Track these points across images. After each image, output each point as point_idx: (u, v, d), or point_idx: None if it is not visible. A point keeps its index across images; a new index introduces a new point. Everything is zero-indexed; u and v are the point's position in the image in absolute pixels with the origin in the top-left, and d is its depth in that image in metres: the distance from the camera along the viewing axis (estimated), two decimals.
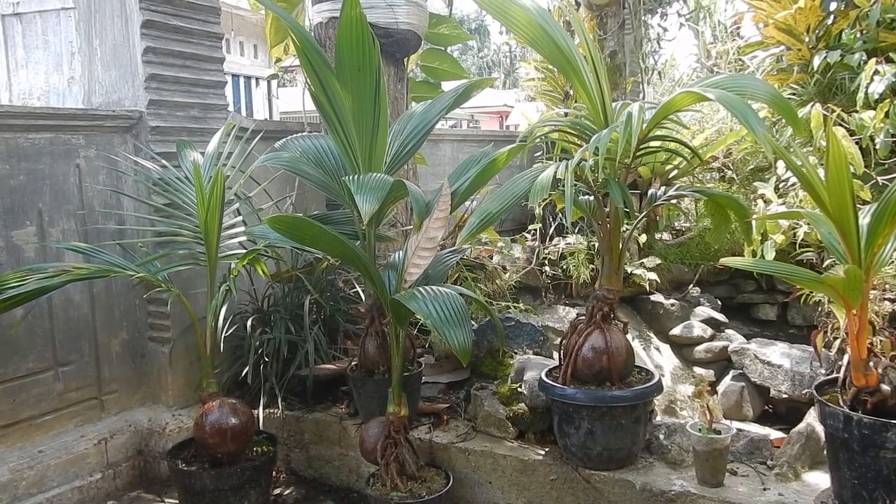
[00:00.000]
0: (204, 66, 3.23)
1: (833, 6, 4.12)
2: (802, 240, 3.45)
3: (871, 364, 2.02)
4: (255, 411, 2.90)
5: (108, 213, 3.01)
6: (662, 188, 2.61)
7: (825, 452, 2.21)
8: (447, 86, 4.21)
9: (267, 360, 3.04)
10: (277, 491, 2.96)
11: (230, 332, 3.04)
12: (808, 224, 3.35)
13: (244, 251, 2.78)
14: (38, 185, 2.77)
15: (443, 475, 2.53)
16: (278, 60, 4.69)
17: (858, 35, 3.92)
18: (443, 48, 4.54)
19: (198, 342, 2.66)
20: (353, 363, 2.87)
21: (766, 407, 3.78)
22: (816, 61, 3.98)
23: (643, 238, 4.54)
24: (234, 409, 2.59)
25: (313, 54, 2.32)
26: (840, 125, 3.56)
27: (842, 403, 2.07)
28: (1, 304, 2.23)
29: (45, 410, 2.81)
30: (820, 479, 2.28)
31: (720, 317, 4.38)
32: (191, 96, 3.20)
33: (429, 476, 2.51)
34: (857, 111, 3.58)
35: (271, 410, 3.03)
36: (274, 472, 2.86)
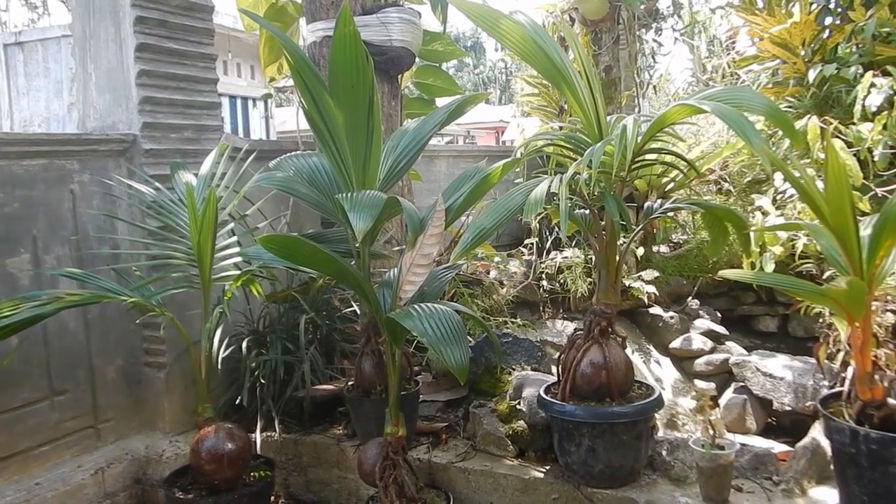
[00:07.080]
0: (198, 88, 3.22)
1: (828, 20, 4.13)
2: (802, 251, 3.42)
3: (877, 377, 1.99)
4: (252, 435, 2.86)
5: (103, 238, 2.99)
6: (659, 201, 2.59)
7: (832, 467, 2.17)
8: (441, 102, 4.21)
9: (263, 381, 3.00)
10: None
11: (226, 353, 2.99)
12: (808, 236, 3.33)
13: (239, 272, 2.75)
14: (33, 212, 2.74)
15: (443, 496, 2.49)
16: (272, 80, 4.70)
17: (854, 49, 3.92)
18: (437, 65, 4.55)
19: (193, 366, 2.63)
20: (350, 383, 2.84)
21: (770, 419, 3.74)
22: (812, 75, 3.98)
23: (641, 251, 4.52)
24: (230, 434, 2.55)
25: (307, 72, 2.31)
26: (837, 137, 3.55)
27: (847, 418, 2.04)
28: None
29: (42, 441, 2.76)
30: (827, 495, 2.24)
31: (720, 329, 4.35)
32: (185, 118, 3.19)
33: (428, 498, 2.46)
34: (854, 123, 3.57)
35: (268, 434, 2.99)
36: (272, 498, 2.81)
